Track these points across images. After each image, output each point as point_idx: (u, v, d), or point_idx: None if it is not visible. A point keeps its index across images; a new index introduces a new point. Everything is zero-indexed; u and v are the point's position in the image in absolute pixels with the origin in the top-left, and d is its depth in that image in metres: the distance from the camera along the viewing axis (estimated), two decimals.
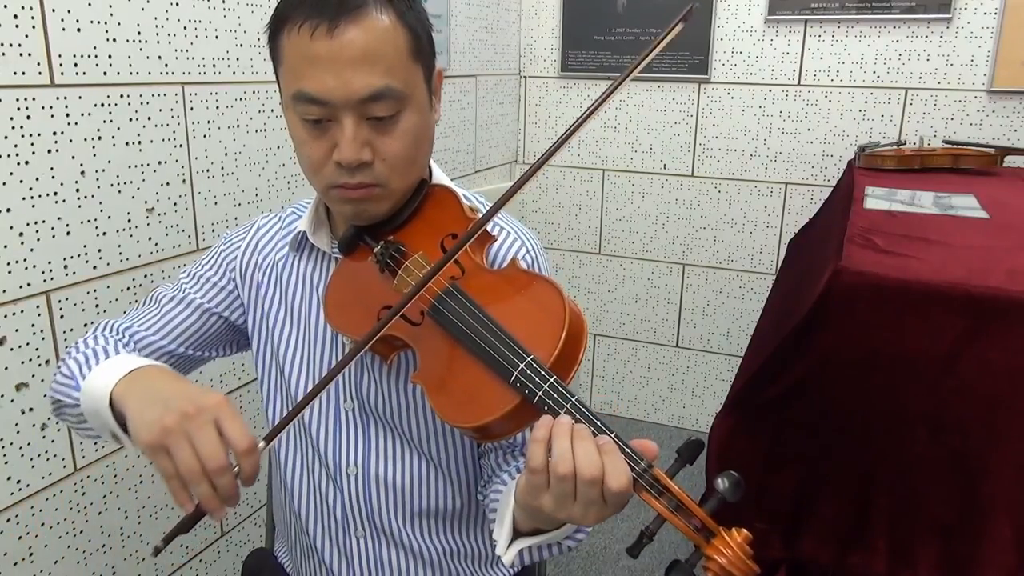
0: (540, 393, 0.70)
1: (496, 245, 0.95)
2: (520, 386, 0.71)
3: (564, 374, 0.72)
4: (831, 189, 2.46)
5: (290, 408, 1.02)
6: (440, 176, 0.98)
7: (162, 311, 1.02)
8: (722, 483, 0.67)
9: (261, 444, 0.74)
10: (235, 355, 1.12)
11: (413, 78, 0.86)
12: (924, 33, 2.42)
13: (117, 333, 0.98)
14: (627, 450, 0.69)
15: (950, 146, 2.26)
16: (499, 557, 1.03)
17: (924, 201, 1.74)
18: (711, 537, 0.68)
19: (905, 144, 2.41)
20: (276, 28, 0.86)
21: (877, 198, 1.75)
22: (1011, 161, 2.26)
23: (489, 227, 0.93)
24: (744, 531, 0.67)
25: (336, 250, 0.98)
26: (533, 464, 0.69)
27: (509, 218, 1.00)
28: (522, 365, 0.71)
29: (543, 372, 0.71)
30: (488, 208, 0.99)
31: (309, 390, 0.98)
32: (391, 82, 0.83)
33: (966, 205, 1.69)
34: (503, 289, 0.81)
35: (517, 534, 0.81)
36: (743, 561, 0.66)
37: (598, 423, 0.70)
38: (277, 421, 1.03)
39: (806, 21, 2.53)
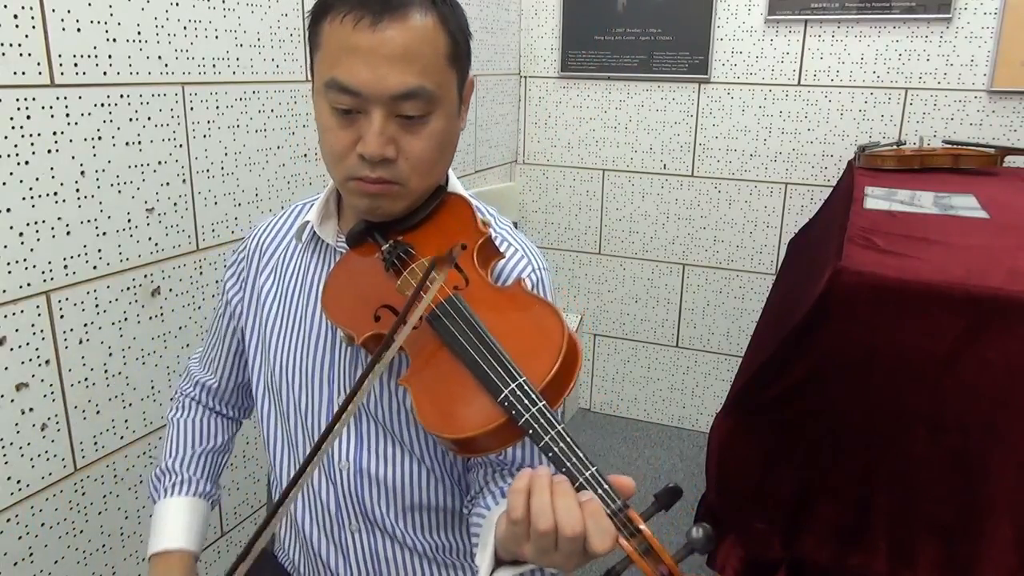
0: (527, 416, 0.69)
1: (503, 262, 0.95)
2: (508, 406, 0.70)
3: (554, 399, 0.72)
4: (831, 189, 2.46)
5: (280, 411, 1.03)
6: (456, 185, 0.99)
7: (208, 343, 1.15)
8: (696, 532, 0.66)
9: None
10: None
11: (447, 82, 0.87)
12: (924, 33, 2.42)
13: (194, 387, 1.16)
14: (605, 486, 0.68)
15: (950, 146, 2.26)
16: None
17: (924, 201, 1.74)
18: None
19: (905, 144, 2.41)
20: (319, 14, 0.86)
21: (877, 198, 1.75)
22: (1011, 161, 2.26)
23: (498, 243, 0.93)
24: None
25: (341, 244, 0.98)
26: (514, 516, 0.68)
27: (519, 235, 1.00)
28: (512, 386, 0.70)
29: (533, 396, 0.70)
30: (496, 221, 1.00)
31: (302, 393, 0.99)
32: (425, 83, 0.83)
33: (966, 205, 1.69)
34: (504, 307, 0.81)
35: (499, 562, 0.80)
36: None
37: (580, 454, 0.68)
38: (272, 427, 1.04)
39: (806, 21, 2.53)
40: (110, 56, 1.29)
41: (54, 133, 1.22)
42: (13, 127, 1.16)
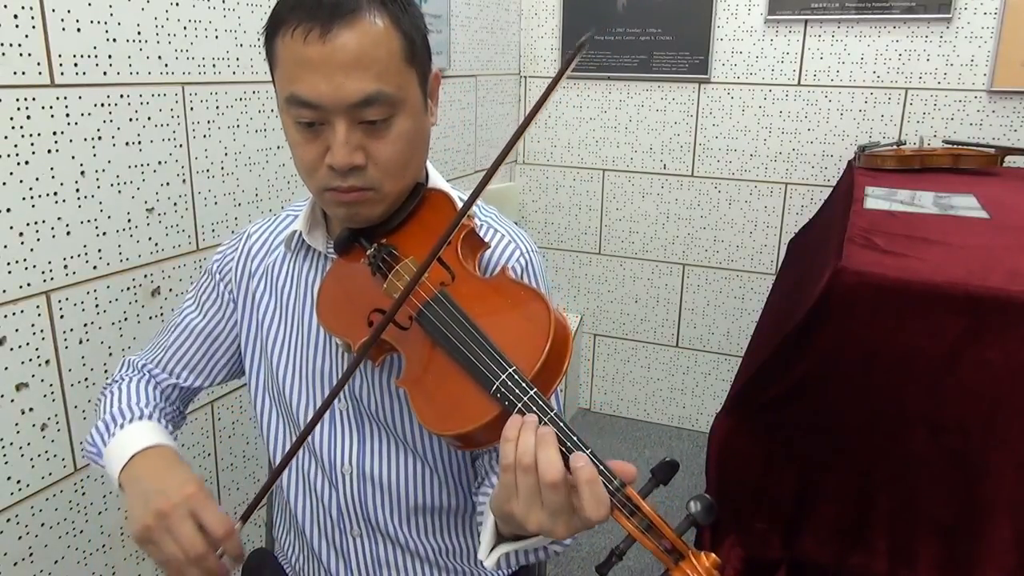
0: (520, 405, 0.70)
1: (490, 252, 0.95)
2: (501, 397, 0.71)
3: (546, 386, 0.73)
4: (831, 189, 2.46)
5: (282, 414, 1.02)
6: (437, 179, 0.98)
7: (169, 340, 1.08)
8: (695, 505, 0.67)
9: (238, 525, 0.83)
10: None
11: (406, 82, 0.86)
12: (924, 33, 2.42)
13: (138, 371, 1.08)
14: (601, 468, 0.68)
15: (950, 146, 2.26)
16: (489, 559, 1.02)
17: (924, 201, 1.74)
18: (680, 559, 0.67)
19: (905, 144, 2.41)
20: (271, 31, 0.86)
21: (877, 198, 1.75)
22: (1011, 161, 2.26)
23: (483, 232, 0.93)
24: (712, 556, 0.66)
25: (331, 250, 0.98)
26: (505, 462, 0.69)
27: (505, 221, 1.00)
28: (503, 376, 0.71)
29: (524, 384, 0.71)
30: (480, 210, 0.99)
31: (302, 400, 0.99)
32: (383, 87, 0.83)
33: (966, 205, 1.69)
34: (491, 298, 0.81)
35: (501, 539, 0.81)
36: None
37: (575, 438, 0.69)
38: (274, 430, 1.04)
39: (806, 21, 2.53)
40: (110, 56, 1.29)
41: (54, 133, 1.22)
42: (13, 127, 1.16)
